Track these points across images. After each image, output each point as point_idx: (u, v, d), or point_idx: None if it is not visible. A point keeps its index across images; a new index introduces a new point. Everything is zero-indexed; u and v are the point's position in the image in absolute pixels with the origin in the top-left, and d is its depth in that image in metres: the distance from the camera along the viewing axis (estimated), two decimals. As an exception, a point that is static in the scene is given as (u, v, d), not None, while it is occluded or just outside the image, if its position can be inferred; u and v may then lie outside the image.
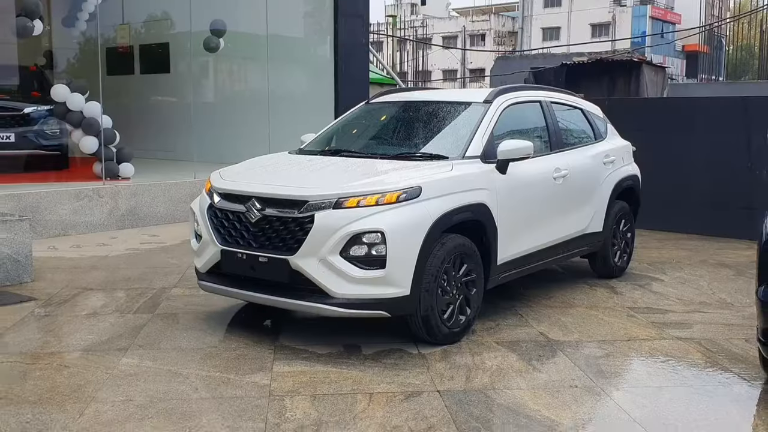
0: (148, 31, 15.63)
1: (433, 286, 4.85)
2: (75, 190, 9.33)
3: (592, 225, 6.75)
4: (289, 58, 13.80)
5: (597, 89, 14.12)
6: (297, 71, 14.15)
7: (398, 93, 6.77)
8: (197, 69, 13.58)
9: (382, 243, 4.64)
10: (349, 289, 4.66)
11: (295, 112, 13.06)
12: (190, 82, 13.45)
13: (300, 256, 4.70)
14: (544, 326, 5.59)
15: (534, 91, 6.59)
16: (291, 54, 13.83)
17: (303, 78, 14.08)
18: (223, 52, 13.18)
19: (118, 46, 16.41)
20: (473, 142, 5.47)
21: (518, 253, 5.76)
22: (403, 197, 4.75)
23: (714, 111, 9.94)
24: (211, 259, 5.18)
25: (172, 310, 5.89)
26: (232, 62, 14.61)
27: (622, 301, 6.42)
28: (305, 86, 13.92)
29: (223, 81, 15.12)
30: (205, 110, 13.89)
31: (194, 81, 13.72)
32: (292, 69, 14.05)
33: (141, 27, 15.67)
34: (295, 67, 14.10)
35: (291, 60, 13.89)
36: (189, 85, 13.65)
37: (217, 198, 5.19)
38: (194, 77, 13.59)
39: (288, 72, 13.96)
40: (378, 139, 6.22)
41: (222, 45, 12.53)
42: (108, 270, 7.32)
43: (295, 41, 13.89)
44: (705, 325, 5.73)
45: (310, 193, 4.76)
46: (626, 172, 7.29)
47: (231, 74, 15.11)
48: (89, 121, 10.34)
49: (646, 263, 8.01)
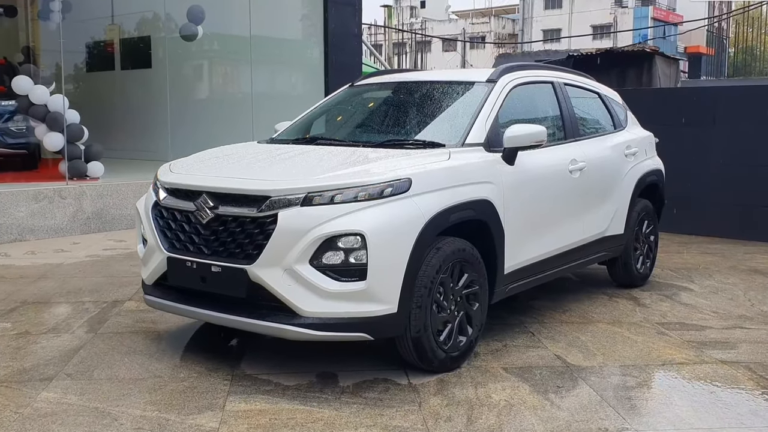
0: (128, 26, 14.77)
1: (426, 301, 3.93)
2: (33, 190, 8.41)
3: (613, 226, 5.84)
4: (275, 51, 12.90)
5: (606, 82, 13.15)
6: (283, 64, 13.25)
7: (389, 74, 5.87)
8: (175, 64, 12.67)
9: (362, 248, 3.72)
10: (322, 306, 3.74)
11: (281, 107, 12.14)
12: (169, 78, 12.56)
13: (261, 266, 3.78)
14: (560, 347, 4.67)
15: (545, 71, 5.67)
16: (277, 46, 12.92)
17: (290, 71, 13.18)
18: (204, 45, 12.29)
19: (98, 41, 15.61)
20: (475, 127, 4.56)
21: (529, 259, 4.84)
22: (389, 191, 3.83)
23: (737, 102, 9.02)
24: (158, 269, 4.26)
25: (118, 329, 4.97)
26: (212, 55, 13.70)
27: (649, 314, 5.50)
28: (293, 79, 13.03)
29: (204, 75, 14.20)
30: (185, 107, 13.00)
31: (172, 77, 12.81)
32: (277, 62, 13.15)
33: (121, 22, 14.82)
34: (281, 60, 13.19)
35: (276, 52, 12.98)
36: (168, 81, 12.77)
37: (162, 194, 4.28)
38: (172, 73, 12.68)
39: (273, 65, 13.07)
40: (363, 125, 5.29)
41: (201, 33, 11.61)
42: (58, 280, 6.41)
43: (281, 32, 12.97)
44: (751, 345, 4.81)
45: (272, 186, 3.84)
46: (649, 166, 6.37)
47: (211, 68, 14.21)
48: (53, 115, 9.45)
49: (670, 270, 7.09)
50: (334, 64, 12.07)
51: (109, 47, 15.08)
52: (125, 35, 14.57)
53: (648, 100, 9.67)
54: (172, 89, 12.58)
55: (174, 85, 12.89)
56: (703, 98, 9.38)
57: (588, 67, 13.96)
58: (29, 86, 9.50)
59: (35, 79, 9.61)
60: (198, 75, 14.02)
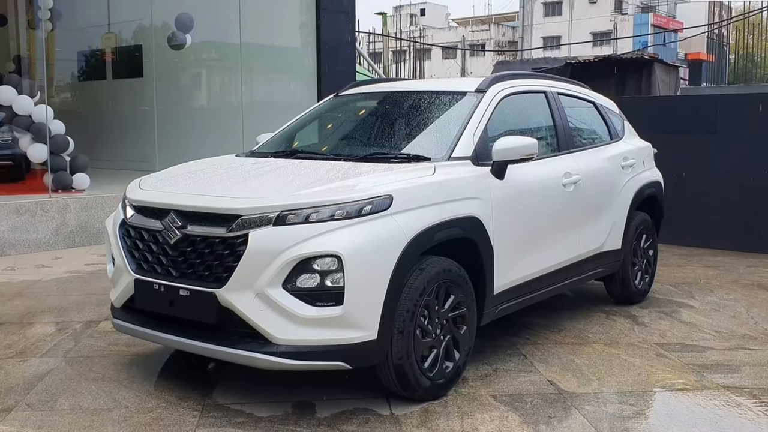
0: (120, 35, 14.58)
1: (408, 326, 3.68)
2: (14, 204, 8.17)
3: (610, 241, 5.59)
4: (266, 59, 12.68)
5: (605, 90, 12.91)
6: (274, 73, 13.02)
7: (375, 83, 5.63)
8: (163, 73, 12.44)
9: (338, 271, 3.47)
10: (296, 332, 3.49)
11: (272, 117, 11.89)
12: (157, 88, 12.34)
13: (231, 289, 3.54)
14: (553, 371, 4.42)
15: (538, 80, 5.44)
16: (268, 54, 12.71)
17: (281, 79, 12.95)
18: (193, 54, 12.06)
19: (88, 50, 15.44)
20: (462, 140, 4.32)
21: (520, 278, 4.59)
22: (368, 209, 3.59)
23: (739, 109, 8.79)
24: (125, 291, 4.02)
25: (89, 352, 4.72)
26: (201, 64, 13.48)
27: (648, 334, 5.25)
28: (284, 88, 12.80)
29: (193, 84, 13.98)
30: (172, 116, 12.80)
31: (160, 86, 12.58)
32: (268, 70, 12.93)
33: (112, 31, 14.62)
34: (272, 69, 12.97)
35: (268, 61, 12.77)
36: (160, 91, 12.56)
37: (130, 212, 4.05)
38: (159, 82, 12.45)
39: (264, 73, 12.86)
40: (346, 137, 5.06)
41: (189, 41, 11.37)
42: (34, 298, 6.16)
43: (272, 40, 12.75)
44: (754, 368, 4.56)
45: (243, 204, 3.60)
46: (647, 178, 6.13)
47: (201, 77, 13.99)
48: (37, 126, 9.22)
49: (670, 285, 6.84)
50: (327, 72, 11.86)
51: (100, 56, 14.90)
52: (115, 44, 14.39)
53: (647, 108, 9.44)
54: (159, 99, 12.36)
55: (161, 95, 12.67)
56: (703, 106, 9.15)
57: (586, 75, 13.76)
58: (12, 96, 9.28)
59: (19, 89, 9.38)
60: (187, 84, 13.80)
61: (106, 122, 14.22)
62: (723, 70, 65.24)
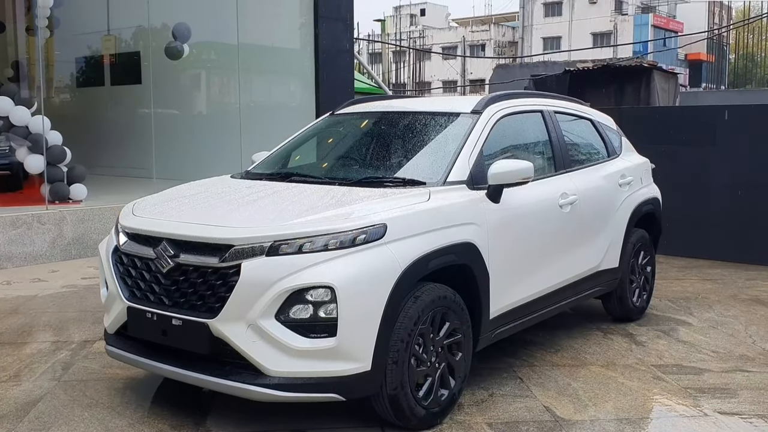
0: (118, 41, 14.56)
1: (403, 356, 3.66)
2: (11, 216, 8.15)
3: (607, 260, 5.56)
4: (264, 67, 12.67)
5: (604, 98, 12.96)
6: (272, 81, 13.00)
7: (371, 102, 5.59)
8: (161, 80, 12.42)
9: (332, 302, 3.45)
10: (289, 364, 3.47)
11: (270, 126, 11.92)
12: (158, 94, 12.32)
13: (223, 320, 3.51)
14: (550, 396, 4.39)
15: (534, 99, 5.41)
16: (266, 62, 12.69)
17: (279, 88, 12.93)
18: (191, 62, 12.03)
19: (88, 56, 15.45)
20: (458, 164, 4.29)
21: (516, 301, 4.57)
22: (362, 239, 3.56)
23: (738, 121, 8.76)
24: (118, 318, 4.00)
25: (83, 375, 4.70)
26: (199, 72, 13.46)
27: (645, 354, 5.22)
28: (282, 96, 12.77)
29: (190, 92, 13.95)
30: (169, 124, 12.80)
31: (157, 93, 12.56)
32: (267, 78, 12.91)
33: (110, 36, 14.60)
34: (270, 76, 12.96)
35: (266, 69, 12.75)
36: (158, 98, 12.55)
37: (123, 239, 4.02)
38: (157, 89, 12.43)
39: (263, 81, 12.84)
40: (341, 159, 5.03)
41: (186, 51, 11.34)
42: (29, 315, 6.14)
43: (271, 49, 12.72)
44: (752, 392, 4.52)
45: (235, 234, 3.57)
46: (645, 194, 6.10)
47: (198, 85, 13.97)
48: (34, 137, 9.20)
49: (668, 300, 6.81)
50: (325, 80, 11.81)
51: (98, 62, 14.89)
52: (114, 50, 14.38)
53: (646, 118, 9.41)
54: (156, 105, 12.34)
55: (159, 101, 12.66)
56: (702, 117, 9.12)
57: (585, 82, 13.75)
58: (9, 107, 9.24)
59: (16, 100, 9.35)
60: (185, 91, 13.78)
61: (104, 128, 14.21)
62: (723, 70, 65.15)
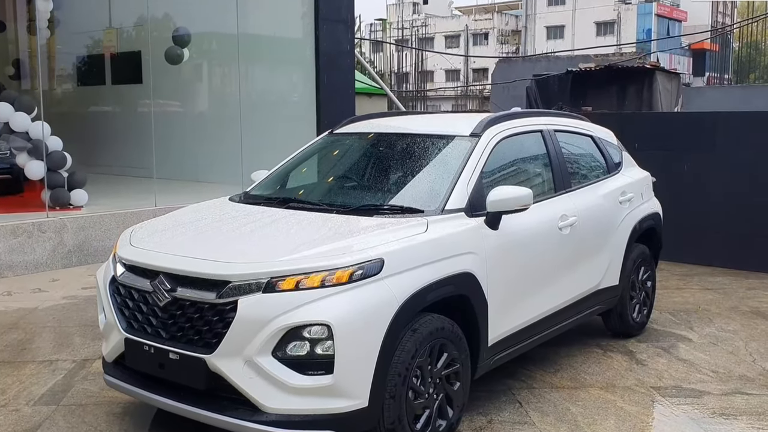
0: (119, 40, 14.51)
1: (401, 391, 3.65)
2: (11, 225, 8.15)
3: (607, 279, 5.55)
4: (266, 68, 12.66)
5: (606, 98, 12.91)
6: (273, 84, 12.97)
7: (369, 120, 5.55)
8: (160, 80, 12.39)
9: (329, 339, 3.44)
10: (285, 401, 3.46)
11: (271, 128, 11.90)
12: (158, 93, 12.27)
13: (220, 356, 3.51)
14: (548, 423, 4.39)
15: (533, 118, 5.37)
16: (267, 63, 12.67)
17: (280, 91, 12.89)
18: (192, 62, 11.99)
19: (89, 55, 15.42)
20: (456, 191, 4.27)
21: (515, 327, 4.56)
22: (359, 275, 3.54)
23: (740, 127, 8.72)
24: (116, 348, 4.00)
25: (82, 399, 4.70)
26: (200, 71, 13.43)
27: (645, 375, 5.21)
28: (282, 99, 12.73)
29: (191, 92, 13.92)
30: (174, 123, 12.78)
31: (161, 92, 12.53)
32: (268, 80, 12.88)
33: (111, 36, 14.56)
34: (272, 78, 12.93)
35: (267, 70, 12.74)
36: (159, 97, 12.51)
37: (120, 269, 4.01)
38: (160, 88, 12.39)
39: (264, 83, 12.81)
40: (339, 182, 5.01)
41: (186, 56, 11.29)
42: (29, 330, 6.15)
43: (272, 50, 12.68)
44: (751, 418, 4.51)
45: (232, 270, 3.56)
46: (646, 210, 6.07)
47: (199, 84, 13.94)
48: (34, 143, 9.18)
49: (669, 312, 6.80)
50: (326, 82, 11.79)
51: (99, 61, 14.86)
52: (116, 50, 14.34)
53: (647, 125, 9.38)
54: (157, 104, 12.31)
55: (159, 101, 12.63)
56: (703, 123, 9.07)
57: (587, 82, 13.68)
58: (9, 113, 9.22)
59: (15, 105, 9.32)
60: (185, 91, 13.74)
61: (104, 127, 14.21)
62: (727, 59, 64.83)
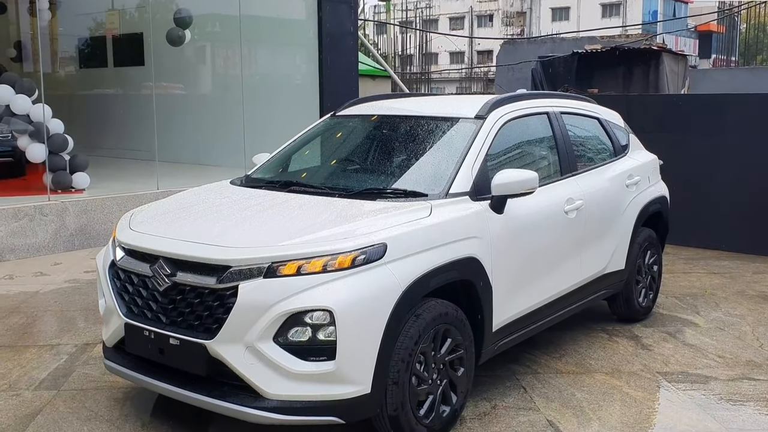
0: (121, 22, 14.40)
1: (404, 377, 3.60)
2: (13, 208, 8.11)
3: (613, 263, 5.48)
4: (268, 50, 12.57)
5: (612, 80, 12.79)
6: (276, 65, 12.88)
7: (372, 102, 5.47)
8: (165, 62, 12.30)
9: (331, 325, 3.39)
10: (287, 387, 3.41)
11: (273, 110, 11.81)
12: (160, 75, 12.19)
13: (221, 341, 3.46)
14: (553, 408, 4.34)
15: (539, 100, 5.28)
16: (269, 45, 12.58)
17: (283, 72, 12.79)
18: (194, 44, 11.89)
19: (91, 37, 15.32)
20: (460, 174, 4.19)
21: (520, 312, 4.50)
22: (361, 260, 3.48)
23: (748, 109, 8.61)
24: (116, 333, 3.95)
25: (83, 384, 4.67)
26: (202, 54, 13.33)
27: (651, 360, 5.16)
28: (286, 80, 12.64)
29: (194, 73, 13.82)
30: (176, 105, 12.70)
31: (163, 74, 12.44)
32: (271, 62, 12.80)
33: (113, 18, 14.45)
34: (274, 60, 12.85)
35: (270, 52, 12.65)
36: (161, 79, 12.43)
37: (119, 254, 3.95)
38: (162, 70, 12.31)
39: (267, 65, 12.74)
40: (341, 165, 4.94)
41: (188, 38, 11.18)
42: (31, 314, 6.12)
43: (274, 32, 12.58)
44: (758, 404, 4.46)
45: (232, 255, 3.50)
46: (653, 194, 5.99)
47: (202, 68, 13.84)
48: (35, 126, 9.12)
49: (675, 296, 6.74)
50: (329, 63, 11.68)
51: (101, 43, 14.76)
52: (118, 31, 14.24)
53: (654, 107, 9.27)
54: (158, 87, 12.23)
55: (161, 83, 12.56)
56: (711, 106, 8.96)
57: (593, 64, 13.54)
58: (10, 95, 9.15)
59: (16, 88, 9.25)
60: (187, 73, 13.65)
61: (106, 110, 14.13)
62: (734, 40, 64.32)
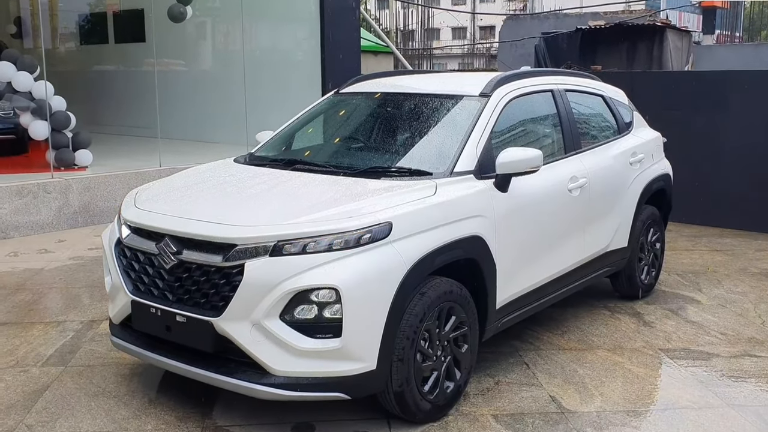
0: None
1: (408, 354, 3.63)
2: (16, 185, 8.12)
3: (616, 240, 5.50)
4: (270, 25, 12.52)
5: (616, 57, 12.72)
6: (277, 42, 12.81)
7: (377, 80, 5.46)
8: (166, 39, 12.24)
9: (336, 303, 3.41)
10: (294, 364, 3.45)
11: (276, 87, 11.77)
12: (162, 52, 12.14)
13: (227, 319, 3.49)
14: (556, 384, 4.38)
15: (544, 77, 5.26)
16: (271, 20, 12.52)
17: (284, 48, 12.72)
18: (195, 20, 11.84)
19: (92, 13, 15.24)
20: (465, 153, 4.20)
21: (523, 289, 4.52)
22: (367, 238, 3.50)
23: (752, 86, 8.58)
24: (122, 310, 3.99)
25: (90, 361, 4.71)
26: (204, 30, 13.27)
27: (653, 337, 5.20)
28: (288, 56, 12.57)
29: (196, 49, 13.75)
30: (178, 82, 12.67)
31: (164, 51, 12.40)
32: (273, 38, 12.73)
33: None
34: (276, 36, 12.78)
35: (271, 27, 12.59)
36: (163, 56, 12.39)
37: (126, 231, 3.97)
38: (164, 47, 12.26)
39: (269, 41, 12.68)
40: (346, 144, 4.93)
41: (190, 13, 11.11)
42: (36, 291, 6.15)
43: (276, 7, 12.52)
44: (759, 380, 4.50)
45: (238, 233, 3.52)
46: (656, 171, 6.00)
47: (204, 44, 13.78)
48: (37, 103, 9.10)
49: (677, 273, 6.77)
50: (331, 38, 11.63)
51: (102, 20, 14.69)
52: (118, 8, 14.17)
53: (658, 84, 9.23)
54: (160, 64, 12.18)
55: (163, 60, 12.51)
56: (715, 82, 8.92)
57: (596, 40, 13.47)
58: (12, 72, 9.13)
59: (18, 65, 9.22)
60: (189, 49, 13.58)
61: (108, 87, 14.09)
62: (738, 15, 63.83)
